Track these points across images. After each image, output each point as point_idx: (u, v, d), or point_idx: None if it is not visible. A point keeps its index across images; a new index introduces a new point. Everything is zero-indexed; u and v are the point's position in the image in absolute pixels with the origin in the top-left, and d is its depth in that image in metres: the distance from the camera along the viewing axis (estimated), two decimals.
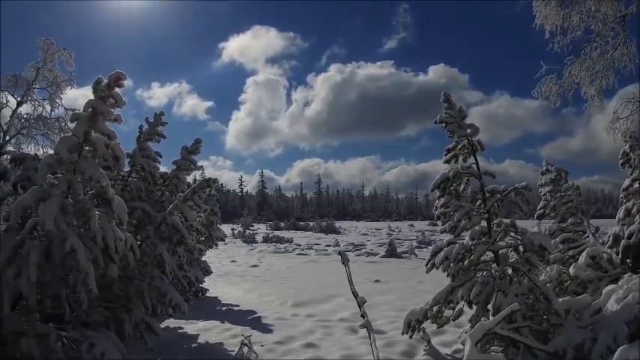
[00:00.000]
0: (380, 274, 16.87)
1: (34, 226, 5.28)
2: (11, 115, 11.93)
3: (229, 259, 22.66)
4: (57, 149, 5.10)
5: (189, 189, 7.20)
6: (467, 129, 6.95)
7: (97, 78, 5.25)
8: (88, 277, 5.01)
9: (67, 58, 12.76)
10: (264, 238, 37.96)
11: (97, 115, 5.21)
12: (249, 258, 23.86)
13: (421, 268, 18.29)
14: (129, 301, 6.53)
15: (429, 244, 31.67)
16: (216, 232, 13.41)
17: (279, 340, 8.01)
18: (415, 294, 12.72)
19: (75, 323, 5.92)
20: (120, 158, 5.37)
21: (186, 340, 8.14)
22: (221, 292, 13.44)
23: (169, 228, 6.92)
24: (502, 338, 5.92)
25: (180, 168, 8.42)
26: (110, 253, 5.34)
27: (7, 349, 5.32)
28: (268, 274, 17.60)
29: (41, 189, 5.09)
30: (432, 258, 6.91)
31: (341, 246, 30.62)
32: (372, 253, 25.99)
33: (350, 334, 8.49)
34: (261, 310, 10.81)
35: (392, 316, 9.85)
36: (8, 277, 5.09)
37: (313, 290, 13.49)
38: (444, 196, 7.00)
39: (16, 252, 5.17)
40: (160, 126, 8.27)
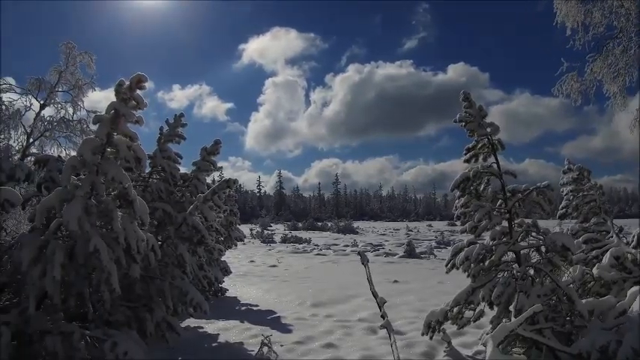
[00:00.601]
0: (399, 275, 16.80)
1: (58, 226, 5.38)
2: (35, 117, 12.18)
3: (248, 259, 22.77)
4: (80, 151, 5.19)
5: (209, 190, 7.26)
6: (487, 128, 6.88)
7: (118, 80, 5.32)
8: (111, 277, 5.08)
9: (88, 61, 12.99)
10: (283, 238, 38.07)
11: (119, 117, 5.28)
12: (268, 258, 23.95)
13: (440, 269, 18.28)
14: (150, 300, 6.60)
15: (448, 245, 31.46)
16: (235, 232, 13.49)
17: (298, 340, 8.02)
18: (434, 295, 12.64)
19: (98, 322, 6.01)
20: (141, 160, 5.44)
21: (206, 340, 8.20)
22: (240, 292, 13.52)
23: (190, 228, 6.99)
24: (524, 340, 5.85)
25: (200, 169, 8.50)
26: (132, 254, 5.41)
27: (32, 348, 5.43)
28: (287, 275, 17.65)
29: (65, 190, 5.18)
30: (452, 258, 6.86)
31: (359, 246, 30.58)
32: (390, 254, 25.89)
33: (369, 335, 8.47)
34: (281, 310, 10.84)
35: (411, 317, 9.79)
36: (33, 277, 5.18)
37: (332, 290, 13.49)
38: (464, 196, 6.94)
39: (40, 252, 5.26)
40: (179, 127, 8.35)
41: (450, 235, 38.73)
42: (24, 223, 9.46)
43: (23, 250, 5.25)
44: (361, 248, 28.72)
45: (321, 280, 16.10)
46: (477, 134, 6.94)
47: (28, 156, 11.90)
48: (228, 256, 15.12)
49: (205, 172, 8.59)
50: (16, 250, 5.80)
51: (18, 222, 9.67)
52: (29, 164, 9.15)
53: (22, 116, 12.01)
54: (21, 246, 5.47)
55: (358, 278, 15.34)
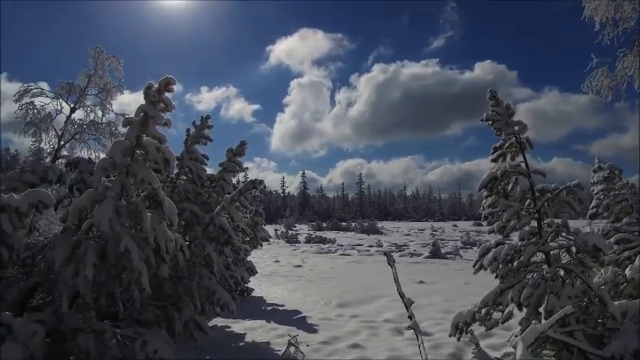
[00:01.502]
0: (424, 275, 16.67)
1: (89, 227, 5.50)
2: (65, 120, 12.45)
3: (273, 260, 22.88)
4: (111, 153, 5.29)
5: (236, 190, 7.33)
6: (514, 126, 6.77)
7: (147, 83, 5.42)
8: (141, 277, 5.17)
9: (116, 65, 13.23)
10: (307, 238, 38.15)
11: (148, 119, 5.37)
12: (293, 258, 24.03)
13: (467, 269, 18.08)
14: (179, 300, 6.70)
15: (474, 245, 31.06)
16: (260, 232, 13.57)
17: (324, 341, 8.03)
18: (461, 295, 12.51)
19: (128, 321, 6.12)
20: (170, 161, 5.52)
21: (233, 339, 8.27)
22: (266, 291, 13.59)
23: (217, 229, 7.07)
24: (554, 342, 5.75)
25: (226, 170, 8.59)
26: (161, 254, 5.50)
27: (65, 345, 5.55)
28: (312, 275, 17.67)
29: (96, 191, 5.29)
30: (479, 259, 6.77)
31: (384, 246, 30.45)
32: (415, 254, 25.70)
33: (396, 336, 8.43)
34: (306, 310, 10.86)
35: (438, 318, 9.71)
36: (66, 276, 5.30)
37: (357, 291, 13.46)
38: (492, 196, 6.85)
39: (73, 252, 5.38)
40: (206, 129, 8.45)
41: (476, 236, 38.24)
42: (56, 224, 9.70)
43: (56, 250, 5.38)
44: (386, 248, 28.59)
45: (345, 280, 16.09)
46: (504, 133, 6.84)
47: (59, 158, 12.20)
48: (254, 256, 15.21)
49: (231, 172, 8.67)
50: (49, 250, 5.96)
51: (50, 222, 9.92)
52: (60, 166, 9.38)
53: (53, 119, 12.31)
54: (54, 246, 5.61)
55: (383, 278, 15.29)
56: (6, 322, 4.96)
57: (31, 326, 4.98)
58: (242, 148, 8.85)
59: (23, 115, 11.93)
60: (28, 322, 5.05)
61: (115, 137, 12.22)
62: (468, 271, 17.08)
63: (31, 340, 4.89)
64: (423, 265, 21.12)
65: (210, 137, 8.45)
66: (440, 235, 42.75)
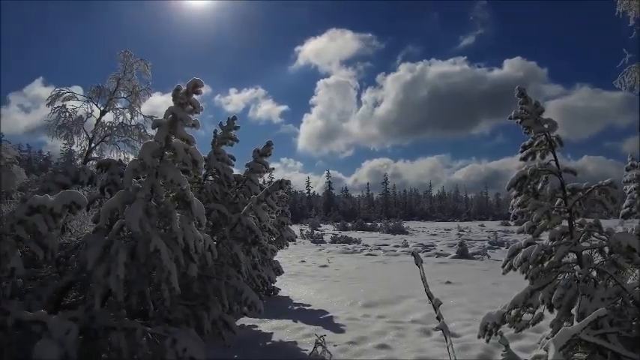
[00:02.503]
0: (451, 276, 16.51)
1: (120, 227, 5.60)
2: (96, 123, 12.70)
3: (299, 259, 22.97)
4: (141, 154, 5.38)
5: (263, 191, 7.38)
6: (544, 124, 6.64)
7: (176, 86, 5.49)
8: (170, 276, 5.25)
9: (144, 68, 13.43)
10: (332, 238, 38.15)
11: (177, 121, 5.45)
12: (319, 258, 24.07)
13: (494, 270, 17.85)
14: (207, 299, 6.77)
15: (502, 245, 30.63)
16: (286, 232, 13.64)
17: (351, 341, 8.04)
18: (489, 296, 12.36)
19: (158, 320, 6.22)
20: (198, 162, 5.59)
21: (261, 338, 8.34)
22: (292, 291, 13.66)
23: (244, 229, 7.13)
24: (587, 345, 5.61)
25: (252, 170, 8.66)
26: (190, 253, 5.57)
27: (98, 343, 5.68)
28: (338, 275, 17.68)
29: (127, 192, 5.39)
30: (509, 259, 6.66)
31: (410, 247, 30.25)
32: (442, 254, 25.47)
33: (423, 337, 8.38)
34: (333, 310, 10.88)
35: (466, 319, 9.62)
36: (98, 275, 5.41)
37: (383, 291, 13.42)
38: (521, 195, 6.72)
39: (105, 252, 5.49)
40: (232, 130, 8.53)
41: (504, 236, 37.70)
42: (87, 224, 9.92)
43: (89, 249, 5.49)
44: (412, 249, 28.40)
45: (371, 280, 16.04)
46: (533, 131, 6.72)
47: (89, 160, 12.46)
48: (280, 256, 15.30)
49: (258, 173, 8.74)
50: (82, 250, 6.09)
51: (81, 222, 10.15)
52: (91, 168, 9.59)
53: (84, 122, 12.57)
54: (86, 246, 5.74)
55: (409, 279, 15.21)
56: (42, 320, 5.09)
57: (65, 324, 5.09)
58: (268, 148, 8.91)
59: (56, 118, 12.21)
60: (63, 320, 5.17)
61: (143, 139, 12.41)
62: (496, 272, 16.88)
63: (66, 338, 5.01)
64: (450, 266, 20.92)
65: (237, 138, 8.53)
66: (467, 235, 42.25)
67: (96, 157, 12.64)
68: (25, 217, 5.00)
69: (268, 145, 8.96)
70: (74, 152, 13.51)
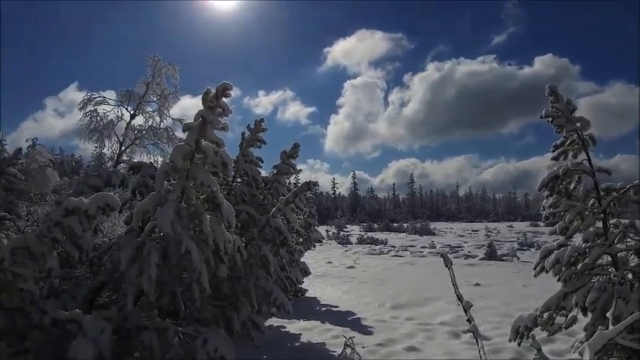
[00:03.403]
0: (480, 278, 16.30)
1: (152, 228, 5.70)
2: (126, 127, 12.97)
3: (325, 261, 22.99)
4: (172, 157, 5.47)
5: (291, 192, 7.42)
6: (576, 123, 6.51)
7: (205, 89, 5.56)
8: (201, 277, 5.31)
9: (172, 72, 13.65)
10: (359, 239, 38.06)
11: (206, 124, 5.51)
12: (345, 259, 24.04)
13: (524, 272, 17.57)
14: (236, 299, 6.84)
15: (532, 246, 30.09)
16: (313, 233, 13.67)
17: (380, 343, 8.01)
18: (519, 299, 12.15)
19: (189, 320, 6.31)
20: (228, 164, 5.64)
21: (289, 339, 8.38)
22: (319, 292, 13.68)
23: (273, 230, 7.17)
24: (623, 349, 5.47)
25: (280, 172, 8.71)
26: (220, 254, 5.62)
27: (130, 342, 5.78)
28: (365, 276, 17.64)
29: (159, 194, 5.48)
30: (540, 261, 6.54)
31: (437, 248, 29.97)
32: (470, 256, 25.15)
33: (452, 339, 8.29)
34: (360, 312, 10.86)
35: (495, 322, 9.48)
36: (131, 276, 5.51)
37: (411, 293, 13.33)
38: (553, 195, 6.60)
39: (137, 253, 5.59)
40: (260, 132, 8.59)
41: (533, 237, 37.01)
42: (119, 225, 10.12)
43: (122, 250, 5.60)
44: (439, 250, 28.15)
45: (399, 281, 15.95)
46: (565, 130, 6.59)
47: (120, 163, 12.73)
48: (307, 257, 15.34)
49: (285, 174, 8.79)
50: (115, 251, 6.22)
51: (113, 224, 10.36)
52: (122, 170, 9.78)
53: (114, 126, 12.84)
54: (119, 247, 5.86)
55: (437, 280, 15.06)
56: (77, 319, 5.22)
57: (99, 323, 5.21)
58: (295, 150, 8.94)
59: (88, 122, 12.51)
60: (97, 319, 5.28)
61: (172, 142, 12.61)
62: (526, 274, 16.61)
63: (100, 337, 5.12)
64: (479, 267, 20.65)
65: (264, 140, 8.58)
66: (495, 236, 41.61)
67: (126, 160, 12.90)
68: (61, 218, 5.13)
69: (295, 146, 8.99)
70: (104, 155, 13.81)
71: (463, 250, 28.75)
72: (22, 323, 5.25)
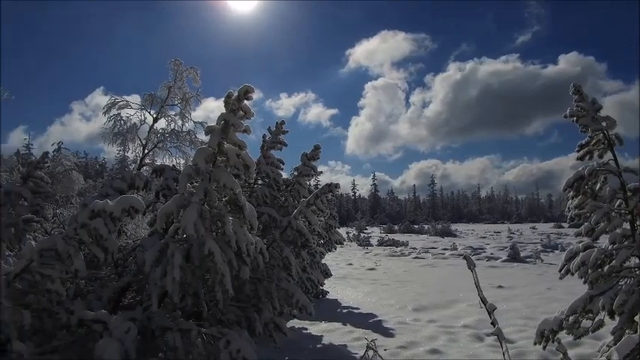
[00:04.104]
0: (503, 280, 16.10)
1: (175, 230, 5.77)
2: (149, 130, 13.13)
3: (346, 262, 22.96)
4: (195, 160, 5.53)
5: (312, 194, 7.43)
6: (602, 122, 6.39)
7: (227, 92, 5.61)
8: (224, 278, 5.36)
9: (193, 75, 13.77)
10: (379, 241, 37.94)
11: (229, 126, 5.56)
12: (366, 261, 23.98)
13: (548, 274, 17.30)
14: (259, 301, 6.87)
15: (555, 248, 29.63)
16: (334, 235, 13.65)
17: (402, 345, 7.97)
18: (543, 302, 11.98)
19: (212, 321, 6.36)
20: (250, 167, 5.67)
21: (310, 341, 8.39)
22: (340, 294, 13.67)
23: (294, 232, 7.19)
24: None
25: (301, 174, 8.73)
26: (242, 256, 5.66)
27: (155, 342, 5.86)
28: (385, 278, 17.57)
29: (182, 197, 5.54)
30: (566, 263, 6.43)
31: (459, 250, 29.69)
32: (492, 258, 24.87)
33: (475, 342, 8.21)
34: (382, 314, 10.82)
35: (520, 325, 9.36)
36: (155, 277, 5.58)
37: (433, 295, 13.24)
38: (579, 196, 6.48)
39: (161, 254, 5.66)
40: (281, 135, 8.64)
41: (557, 238, 36.46)
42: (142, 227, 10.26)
43: (146, 252, 5.68)
44: (461, 252, 27.89)
45: (420, 283, 15.85)
46: (590, 129, 6.47)
47: (143, 166, 12.90)
48: (327, 259, 15.36)
49: (306, 176, 8.81)
50: (139, 252, 6.31)
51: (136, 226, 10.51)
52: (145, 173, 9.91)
53: (138, 129, 13.01)
54: (143, 248, 5.94)
55: (459, 283, 14.93)
56: (103, 320, 5.30)
57: (124, 324, 5.28)
58: (316, 152, 8.95)
59: (112, 126, 12.69)
60: (122, 319, 5.36)
61: (194, 145, 12.73)
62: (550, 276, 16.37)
63: (125, 337, 5.19)
64: (502, 269, 20.40)
65: (286, 142, 8.63)
66: (518, 238, 41.07)
67: (149, 163, 13.06)
68: (87, 221, 5.21)
69: (316, 148, 9.00)
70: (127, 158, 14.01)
71: (485, 251, 28.42)
72: (50, 323, 5.35)
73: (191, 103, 13.75)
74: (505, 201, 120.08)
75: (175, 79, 13.59)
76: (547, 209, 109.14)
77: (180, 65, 13.64)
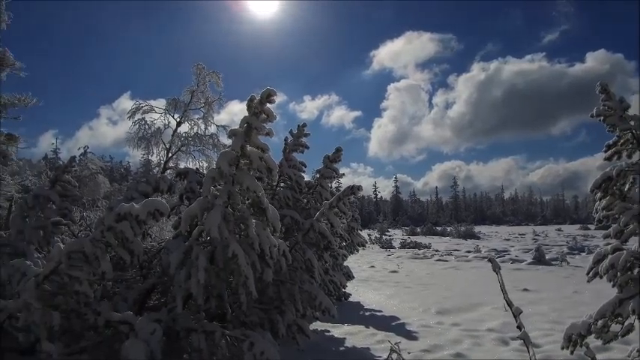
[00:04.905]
0: (528, 283, 15.85)
1: (199, 233, 5.83)
2: (172, 134, 13.29)
3: (368, 265, 22.88)
4: (218, 163, 5.58)
5: (334, 197, 7.43)
6: (630, 121, 6.26)
7: (250, 95, 5.65)
8: (248, 280, 5.39)
9: (216, 80, 13.89)
10: (401, 243, 37.72)
11: (251, 130, 5.60)
12: (388, 263, 23.86)
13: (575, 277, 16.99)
14: (281, 303, 6.90)
15: (582, 251, 29.05)
16: (356, 237, 13.62)
17: (425, 349, 7.90)
18: (570, 305, 11.75)
19: (235, 323, 6.41)
20: (272, 170, 5.71)
21: (333, 343, 8.37)
22: (363, 296, 13.63)
23: (317, 234, 7.21)
24: None
25: (323, 176, 8.75)
26: (266, 259, 5.69)
27: (179, 344, 5.93)
28: (408, 280, 17.45)
29: (206, 200, 5.60)
30: (594, 266, 6.31)
31: (482, 252, 29.32)
32: (517, 260, 24.50)
33: (500, 346, 8.09)
34: (404, 317, 10.74)
35: (546, 329, 9.19)
36: (180, 279, 5.65)
37: (456, 298, 13.09)
38: (606, 197, 6.36)
39: (186, 257, 5.73)
40: (303, 137, 8.67)
41: (584, 240, 35.72)
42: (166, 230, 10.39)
43: (170, 254, 5.76)
44: (485, 254, 27.54)
45: (443, 286, 15.70)
46: (618, 129, 6.34)
47: (167, 169, 13.06)
48: (349, 261, 15.31)
49: (328, 179, 8.82)
50: (164, 255, 6.39)
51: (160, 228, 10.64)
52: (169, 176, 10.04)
53: (162, 133, 13.19)
54: (168, 251, 6.02)
55: (482, 286, 14.76)
56: (129, 321, 5.38)
57: (150, 325, 5.35)
58: (338, 154, 8.96)
59: (136, 130, 12.89)
60: (148, 321, 5.43)
61: (217, 148, 12.85)
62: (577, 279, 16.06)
63: (151, 338, 5.26)
64: (527, 272, 20.09)
65: (307, 145, 8.66)
66: (543, 240, 40.37)
67: (172, 167, 13.23)
68: (114, 224, 5.30)
69: (338, 151, 9.01)
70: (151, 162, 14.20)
71: (510, 254, 27.98)
72: (78, 324, 5.46)
73: (214, 107, 13.88)
74: (529, 202, 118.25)
75: (198, 84, 13.73)
76: (573, 211, 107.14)
77: (202, 70, 13.78)
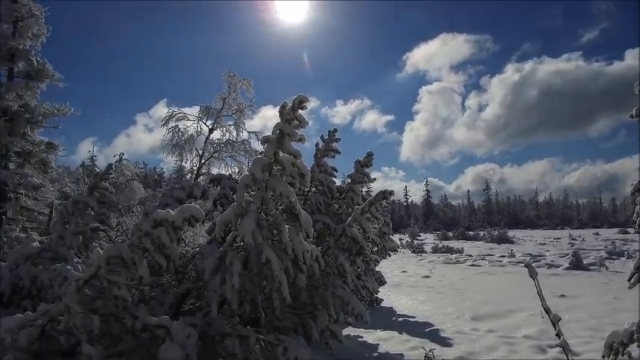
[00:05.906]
0: (565, 289, 15.44)
1: (233, 238, 5.90)
2: (205, 141, 13.53)
3: (400, 270, 22.71)
4: (251, 170, 5.65)
5: (366, 202, 7.42)
6: None
7: (282, 102, 5.71)
8: (281, 286, 5.43)
9: (247, 86, 14.09)
10: (433, 248, 37.33)
11: (284, 136, 5.65)
12: (420, 268, 23.64)
13: (615, 282, 16.50)
14: (314, 308, 6.91)
15: (621, 255, 28.18)
16: (388, 242, 13.56)
17: (460, 355, 7.79)
18: (610, 312, 11.40)
19: (269, 328, 6.45)
20: (305, 175, 5.74)
21: (367, 349, 8.33)
22: (395, 302, 13.53)
23: (349, 239, 7.20)
24: None
25: (354, 181, 8.75)
26: (299, 264, 5.72)
27: (214, 348, 6.00)
28: (441, 286, 17.24)
29: (240, 206, 5.67)
30: (635, 271, 6.13)
31: (516, 257, 28.75)
32: (553, 265, 23.92)
33: (538, 354, 7.92)
34: (438, 323, 10.61)
35: (585, 336, 8.94)
36: (215, 284, 5.72)
37: (491, 304, 12.86)
38: None
39: (220, 262, 5.80)
40: (333, 142, 8.69)
41: (623, 245, 34.66)
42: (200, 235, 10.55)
43: (205, 260, 5.84)
44: (519, 259, 27.00)
45: (477, 292, 15.45)
46: None
47: (200, 175, 13.29)
48: (381, 266, 15.22)
49: (359, 184, 8.81)
50: (198, 260, 6.49)
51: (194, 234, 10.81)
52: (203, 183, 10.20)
53: (195, 140, 13.43)
54: (202, 256, 6.11)
55: (518, 291, 14.46)
56: (165, 325, 5.48)
57: (186, 329, 5.44)
58: (369, 159, 8.93)
59: (170, 137, 13.16)
60: (183, 325, 5.52)
61: (249, 154, 13.01)
62: (617, 285, 15.58)
63: (187, 342, 5.34)
64: (564, 278, 19.58)
65: (338, 150, 8.68)
66: (580, 244, 39.29)
67: (205, 173, 13.46)
68: (150, 229, 5.42)
69: (369, 155, 8.99)
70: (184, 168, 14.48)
71: (545, 259, 27.34)
72: (116, 328, 5.59)
73: (245, 113, 14.07)
74: (565, 206, 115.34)
75: (229, 91, 13.95)
76: (610, 214, 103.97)
77: (233, 77, 13.99)
